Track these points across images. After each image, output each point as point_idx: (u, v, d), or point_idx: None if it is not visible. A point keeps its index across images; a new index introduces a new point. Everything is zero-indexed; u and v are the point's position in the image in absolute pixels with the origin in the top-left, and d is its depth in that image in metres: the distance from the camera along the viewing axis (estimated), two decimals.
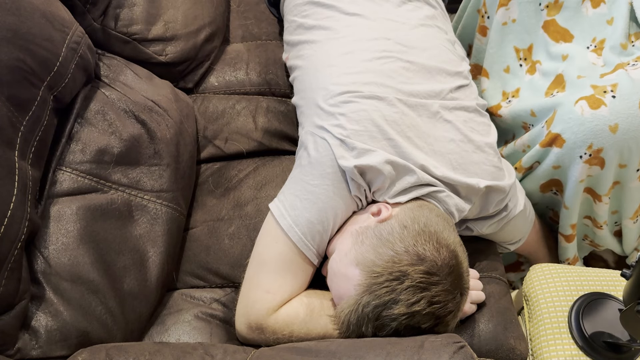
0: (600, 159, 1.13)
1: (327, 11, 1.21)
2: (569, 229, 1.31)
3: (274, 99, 1.39)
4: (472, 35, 1.48)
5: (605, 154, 1.12)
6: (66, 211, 0.98)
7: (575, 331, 1.05)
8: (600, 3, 1.27)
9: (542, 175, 1.24)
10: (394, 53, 1.10)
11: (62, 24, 1.05)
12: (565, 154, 1.16)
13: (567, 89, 1.19)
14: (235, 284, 1.12)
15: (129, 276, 1.01)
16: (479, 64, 1.46)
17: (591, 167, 1.15)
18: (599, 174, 1.17)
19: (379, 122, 1.01)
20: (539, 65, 1.31)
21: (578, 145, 1.13)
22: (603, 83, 1.14)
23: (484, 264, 1.16)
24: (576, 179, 1.18)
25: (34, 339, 0.89)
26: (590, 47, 1.25)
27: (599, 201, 1.24)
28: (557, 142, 1.16)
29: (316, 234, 0.98)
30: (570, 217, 1.28)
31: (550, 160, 1.19)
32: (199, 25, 1.39)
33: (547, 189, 1.29)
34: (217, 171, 1.29)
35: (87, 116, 1.08)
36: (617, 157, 1.13)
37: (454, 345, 0.83)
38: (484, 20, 1.41)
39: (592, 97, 1.12)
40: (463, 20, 1.51)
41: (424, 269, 0.88)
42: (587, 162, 1.14)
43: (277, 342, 0.96)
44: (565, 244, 1.35)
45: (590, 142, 1.12)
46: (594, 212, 1.28)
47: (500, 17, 1.35)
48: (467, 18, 1.49)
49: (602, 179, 1.18)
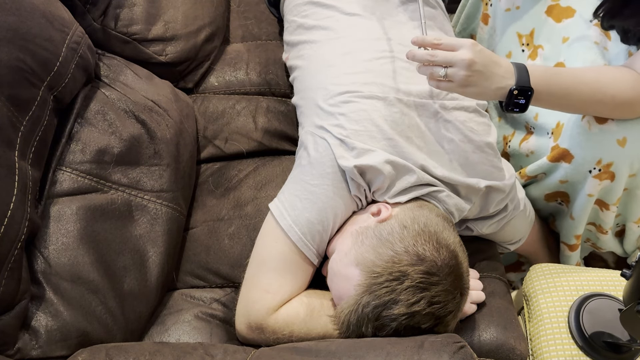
0: (610, 173, 1.12)
1: (327, 11, 1.21)
2: (573, 239, 1.30)
3: (274, 99, 1.39)
4: (475, 24, 1.48)
5: (616, 167, 1.10)
6: (66, 211, 0.98)
7: (575, 331, 1.05)
8: None
9: (548, 186, 1.23)
10: (394, 53, 1.10)
11: (62, 24, 1.05)
12: (574, 169, 1.14)
13: None
14: (235, 284, 1.12)
15: (129, 276, 1.01)
16: None
17: (602, 181, 1.13)
18: (610, 186, 1.15)
19: (378, 122, 1.01)
20: (540, 50, 1.29)
21: (587, 161, 1.11)
22: None
23: (484, 264, 1.16)
24: (586, 193, 1.16)
25: (34, 339, 0.89)
26: (593, 21, 1.22)
27: (606, 210, 1.22)
28: (566, 158, 1.14)
29: (316, 233, 0.98)
30: (576, 228, 1.27)
31: (559, 174, 1.17)
32: (199, 25, 1.39)
33: (552, 199, 1.27)
34: (217, 171, 1.29)
35: (87, 116, 1.08)
36: (628, 169, 1.11)
37: (454, 345, 0.83)
38: (487, 8, 1.41)
39: None
40: (466, 9, 1.50)
41: (424, 269, 0.88)
42: (597, 177, 1.12)
43: (277, 342, 0.96)
44: (569, 252, 1.34)
45: (599, 157, 1.10)
46: (600, 220, 1.27)
47: (504, 4, 1.34)
48: (470, 7, 1.48)
49: (612, 190, 1.16)
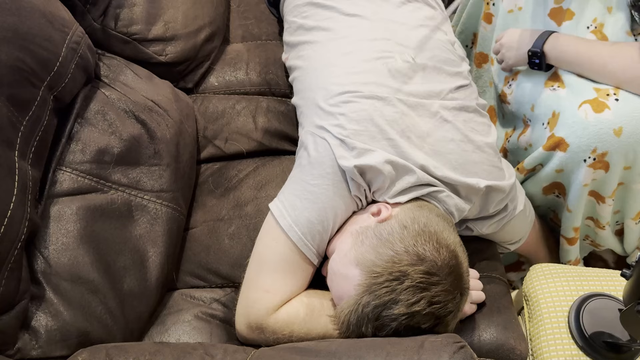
0: (604, 163, 1.13)
1: (327, 12, 1.21)
2: (571, 231, 1.30)
3: (274, 99, 1.39)
4: (477, 23, 1.48)
5: (610, 157, 1.12)
6: (66, 211, 0.98)
7: (575, 331, 1.05)
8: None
9: (544, 178, 1.24)
10: (394, 53, 1.10)
11: (62, 24, 1.05)
12: (569, 158, 1.15)
13: (567, 88, 1.19)
14: (235, 284, 1.12)
15: (129, 276, 1.01)
16: (484, 52, 1.46)
17: (595, 170, 1.14)
18: (604, 177, 1.16)
19: (378, 122, 1.01)
20: None
21: (582, 150, 1.12)
22: (605, 86, 1.13)
23: (484, 264, 1.16)
24: (580, 182, 1.17)
25: (34, 339, 0.89)
26: (590, 28, 1.23)
27: (602, 203, 1.23)
28: (561, 146, 1.15)
29: (316, 234, 0.98)
30: (573, 220, 1.27)
31: (554, 164, 1.18)
32: (199, 25, 1.39)
33: (549, 192, 1.28)
34: (217, 171, 1.29)
35: (87, 116, 1.08)
36: (622, 160, 1.12)
37: (454, 345, 0.83)
38: (490, 7, 1.41)
39: (596, 100, 1.12)
40: (468, 8, 1.50)
41: (424, 269, 0.88)
42: (592, 166, 1.13)
43: (277, 342, 0.96)
44: (568, 246, 1.34)
45: (594, 146, 1.11)
46: (597, 214, 1.28)
47: (507, 5, 1.35)
48: (472, 6, 1.48)
49: (606, 181, 1.17)
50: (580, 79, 1.18)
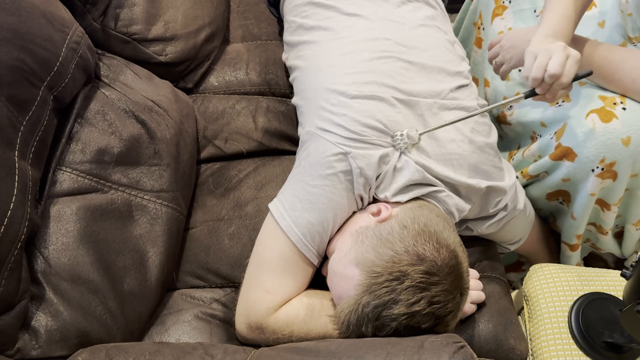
0: (613, 172, 1.12)
1: (327, 12, 1.21)
2: (574, 238, 1.30)
3: (274, 99, 1.39)
4: (469, 49, 1.49)
5: (619, 167, 1.10)
6: (66, 211, 0.98)
7: (575, 331, 1.05)
8: (592, 6, 1.27)
9: (550, 185, 1.23)
10: (394, 53, 1.10)
11: (62, 24, 1.05)
12: (577, 168, 1.14)
13: (572, 98, 1.17)
14: (235, 284, 1.12)
15: (129, 276, 1.01)
16: (475, 77, 1.46)
17: (604, 180, 1.13)
18: (611, 185, 1.15)
19: (379, 121, 1.01)
20: None
21: (590, 160, 1.11)
22: (612, 94, 1.12)
23: (484, 264, 1.16)
24: (587, 192, 1.16)
25: (34, 339, 0.89)
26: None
27: (607, 210, 1.22)
28: (568, 156, 1.14)
29: (316, 234, 0.98)
30: (577, 227, 1.26)
31: (561, 172, 1.17)
32: (199, 25, 1.39)
33: (553, 198, 1.27)
34: (217, 171, 1.29)
35: (87, 116, 1.08)
36: (630, 169, 1.11)
37: (454, 345, 0.83)
38: (480, 32, 1.41)
39: (603, 109, 1.10)
40: (460, 33, 1.51)
41: (424, 269, 0.88)
42: (600, 175, 1.12)
43: (277, 342, 0.96)
44: (570, 252, 1.34)
45: (602, 155, 1.10)
46: (601, 220, 1.27)
47: (496, 27, 1.35)
48: (464, 31, 1.50)
49: (614, 190, 1.16)
50: (585, 89, 1.17)
